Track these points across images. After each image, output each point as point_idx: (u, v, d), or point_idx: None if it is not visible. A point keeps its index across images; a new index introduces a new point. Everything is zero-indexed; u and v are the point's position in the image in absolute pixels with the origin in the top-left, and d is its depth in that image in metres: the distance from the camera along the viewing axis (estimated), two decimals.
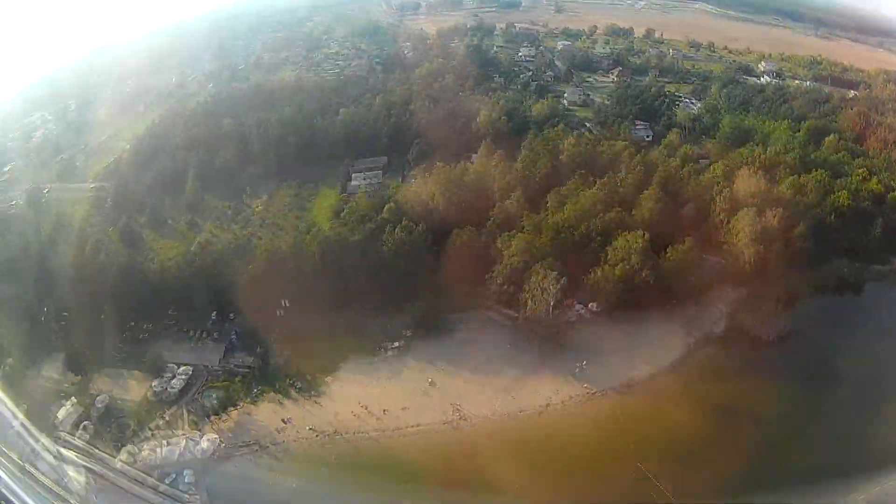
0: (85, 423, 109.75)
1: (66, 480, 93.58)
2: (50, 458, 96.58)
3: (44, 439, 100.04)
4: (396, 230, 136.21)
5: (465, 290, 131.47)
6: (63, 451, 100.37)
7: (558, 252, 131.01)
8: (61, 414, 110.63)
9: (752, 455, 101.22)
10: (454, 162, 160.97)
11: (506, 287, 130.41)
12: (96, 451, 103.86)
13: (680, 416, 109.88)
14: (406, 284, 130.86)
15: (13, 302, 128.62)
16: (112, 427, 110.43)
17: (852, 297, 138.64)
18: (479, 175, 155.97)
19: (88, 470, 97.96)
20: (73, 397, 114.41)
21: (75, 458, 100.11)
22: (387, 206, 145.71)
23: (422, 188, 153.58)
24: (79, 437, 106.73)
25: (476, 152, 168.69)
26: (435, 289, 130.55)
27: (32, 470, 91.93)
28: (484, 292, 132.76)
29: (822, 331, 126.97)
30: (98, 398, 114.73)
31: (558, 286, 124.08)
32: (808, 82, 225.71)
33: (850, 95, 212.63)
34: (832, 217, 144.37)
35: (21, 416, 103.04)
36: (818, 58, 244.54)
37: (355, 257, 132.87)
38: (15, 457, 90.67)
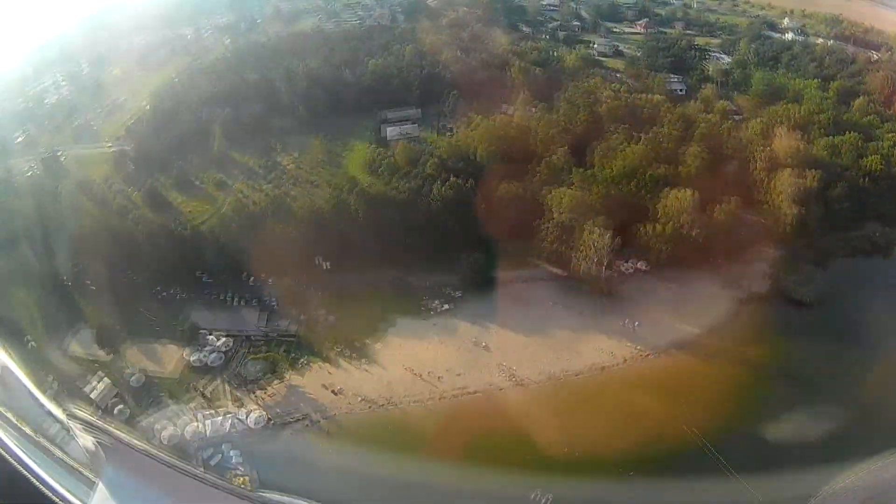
0: (120, 406, 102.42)
1: (90, 461, 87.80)
2: (78, 440, 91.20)
3: (69, 421, 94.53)
4: (444, 187, 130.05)
5: (513, 247, 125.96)
6: (89, 431, 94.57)
7: (607, 209, 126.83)
8: (93, 393, 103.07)
9: (799, 419, 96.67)
10: (489, 113, 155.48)
11: (555, 244, 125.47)
12: (119, 431, 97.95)
13: (736, 378, 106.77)
14: (452, 242, 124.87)
15: (33, 274, 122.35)
16: (149, 405, 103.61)
17: (884, 261, 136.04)
18: (520, 127, 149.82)
19: (119, 451, 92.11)
20: (104, 374, 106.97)
21: (104, 437, 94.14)
22: (430, 161, 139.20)
23: (463, 140, 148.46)
24: (115, 417, 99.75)
25: (509, 103, 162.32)
26: (482, 246, 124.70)
27: (59, 452, 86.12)
28: (532, 249, 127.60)
29: (862, 293, 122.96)
30: (132, 375, 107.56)
31: (611, 244, 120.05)
32: (831, 41, 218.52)
33: (874, 58, 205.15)
34: (865, 180, 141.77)
35: (40, 395, 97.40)
36: (839, 17, 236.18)
37: (400, 214, 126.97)
38: (41, 440, 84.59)
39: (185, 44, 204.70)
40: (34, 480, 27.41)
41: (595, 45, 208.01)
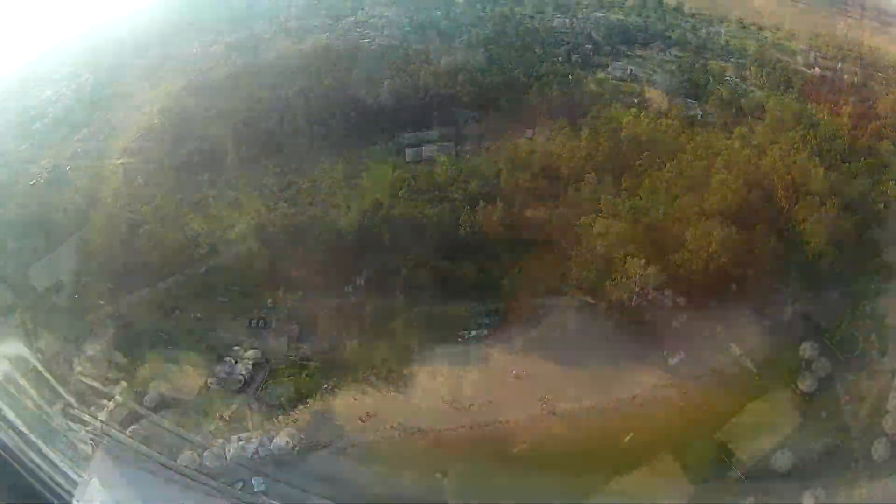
0: (134, 426, 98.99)
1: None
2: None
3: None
4: (472, 212, 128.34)
5: (545, 274, 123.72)
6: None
7: (637, 237, 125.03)
8: (105, 412, 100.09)
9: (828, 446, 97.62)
10: (510, 137, 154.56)
11: (587, 273, 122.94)
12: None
13: (768, 407, 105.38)
14: (482, 267, 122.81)
15: (42, 289, 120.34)
16: (165, 427, 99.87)
17: None
18: (547, 153, 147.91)
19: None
20: (119, 392, 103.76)
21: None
22: (454, 185, 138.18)
23: (486, 164, 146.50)
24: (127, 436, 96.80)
25: (530, 126, 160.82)
26: (512, 273, 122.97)
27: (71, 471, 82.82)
28: (564, 277, 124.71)
29: (886, 317, 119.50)
30: (146, 395, 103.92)
31: (644, 273, 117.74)
32: (839, 63, 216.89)
33: (882, 80, 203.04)
34: (883, 207, 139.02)
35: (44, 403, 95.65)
36: (845, 37, 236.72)
37: (424, 239, 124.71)
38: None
39: (193, 58, 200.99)
40: (25, 475, 28.09)
41: (609, 70, 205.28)
